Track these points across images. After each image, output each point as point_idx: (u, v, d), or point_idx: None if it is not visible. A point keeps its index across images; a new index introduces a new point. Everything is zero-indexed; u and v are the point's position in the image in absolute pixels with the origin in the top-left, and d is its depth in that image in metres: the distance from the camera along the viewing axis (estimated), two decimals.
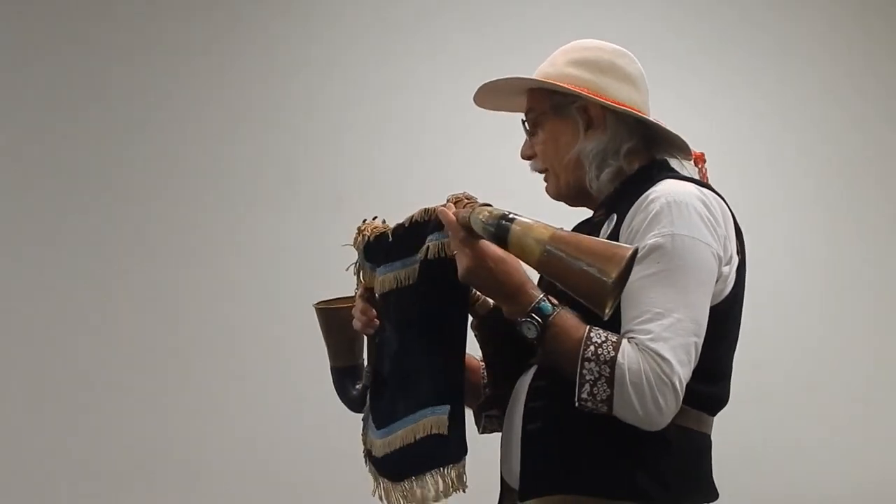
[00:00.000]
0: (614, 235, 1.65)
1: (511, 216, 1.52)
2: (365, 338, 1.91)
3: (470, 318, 1.78)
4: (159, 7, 3.31)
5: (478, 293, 1.77)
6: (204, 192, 3.27)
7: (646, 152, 1.78)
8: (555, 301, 1.57)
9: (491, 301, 1.76)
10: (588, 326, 1.55)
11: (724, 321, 1.66)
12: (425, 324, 1.71)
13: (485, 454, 1.78)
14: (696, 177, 1.79)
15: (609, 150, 1.74)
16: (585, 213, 1.85)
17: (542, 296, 1.57)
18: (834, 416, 3.71)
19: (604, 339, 1.53)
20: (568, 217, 1.82)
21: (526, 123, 1.85)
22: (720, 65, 3.83)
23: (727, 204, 1.70)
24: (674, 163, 1.81)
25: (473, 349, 1.81)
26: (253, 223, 3.28)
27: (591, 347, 1.52)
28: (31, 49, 3.18)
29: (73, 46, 3.21)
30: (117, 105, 3.22)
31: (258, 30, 3.39)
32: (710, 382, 1.67)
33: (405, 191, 3.20)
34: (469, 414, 1.79)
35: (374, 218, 1.89)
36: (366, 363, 1.93)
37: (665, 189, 1.64)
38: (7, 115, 3.15)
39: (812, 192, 3.87)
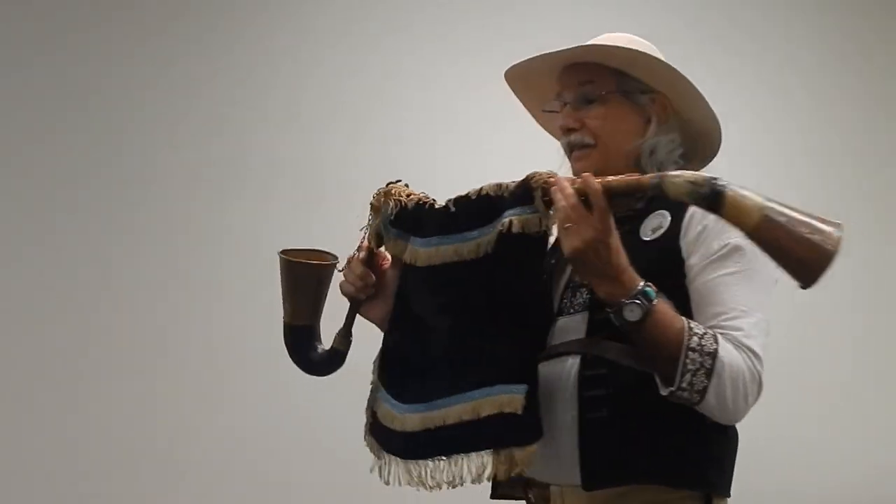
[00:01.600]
0: (672, 234, 1.65)
1: (721, 179, 1.46)
2: (330, 300, 1.83)
3: None
4: (144, 2, 3.25)
5: None
6: (187, 188, 3.21)
7: (686, 161, 1.79)
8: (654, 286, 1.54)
9: None
10: (684, 317, 1.55)
11: None
12: (499, 301, 1.63)
13: None
14: None
15: (675, 151, 1.75)
16: None
17: (644, 280, 1.53)
18: (821, 414, 3.74)
19: (703, 330, 1.54)
20: None
21: (578, 93, 1.77)
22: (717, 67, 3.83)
23: None
24: None
25: None
26: (239, 219, 3.23)
27: (695, 338, 1.52)
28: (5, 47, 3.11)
29: (47, 43, 3.13)
30: (101, 101, 3.15)
31: (245, 24, 3.33)
32: None
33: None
34: None
35: (398, 181, 1.81)
36: (337, 329, 1.84)
37: None
38: None
39: (800, 194, 3.87)
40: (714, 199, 1.44)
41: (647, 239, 1.66)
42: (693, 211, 1.62)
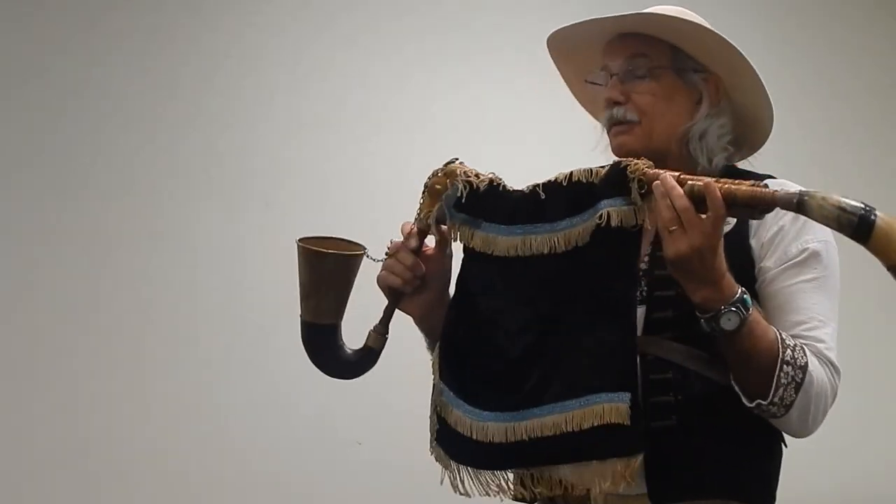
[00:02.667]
0: (741, 232, 1.58)
1: (870, 207, 1.34)
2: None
3: None
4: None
5: None
6: (161, 187, 3.11)
7: (735, 147, 1.71)
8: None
9: None
10: (774, 327, 1.49)
11: None
12: (593, 298, 1.51)
13: None
14: None
15: (725, 136, 1.65)
16: None
17: (741, 287, 1.45)
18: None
19: (793, 343, 1.48)
20: None
21: (628, 65, 1.65)
22: None
23: None
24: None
25: None
26: (215, 217, 3.13)
27: (789, 351, 1.47)
28: None
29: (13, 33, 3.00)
30: (81, 101, 3.04)
31: (216, 23, 3.23)
32: None
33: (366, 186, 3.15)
34: None
35: (456, 160, 1.65)
36: (378, 326, 1.67)
37: None
38: None
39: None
40: (862, 229, 1.33)
41: None
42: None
